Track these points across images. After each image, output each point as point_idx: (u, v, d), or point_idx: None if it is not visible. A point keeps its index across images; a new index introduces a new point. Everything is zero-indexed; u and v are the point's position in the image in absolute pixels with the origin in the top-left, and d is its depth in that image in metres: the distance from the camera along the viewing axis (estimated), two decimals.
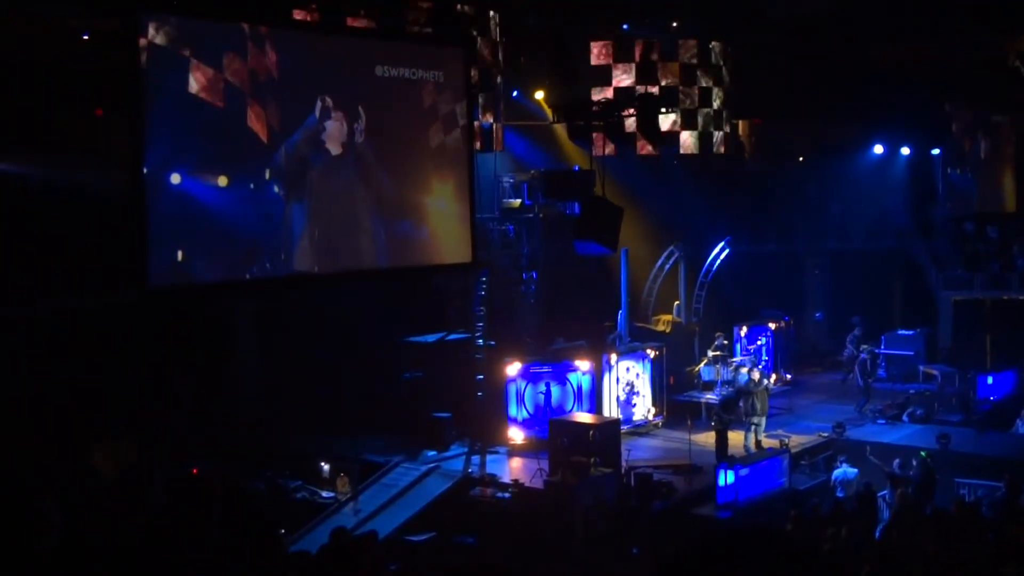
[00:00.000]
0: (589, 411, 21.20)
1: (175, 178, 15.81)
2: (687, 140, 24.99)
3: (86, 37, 17.10)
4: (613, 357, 22.46)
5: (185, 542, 4.88)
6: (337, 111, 17.92)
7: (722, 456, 19.51)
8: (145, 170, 15.49)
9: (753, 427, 20.78)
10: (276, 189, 17.23)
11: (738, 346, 25.90)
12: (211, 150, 16.53)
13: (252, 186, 16.97)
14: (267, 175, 17.08)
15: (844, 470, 18.70)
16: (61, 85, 16.56)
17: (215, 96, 16.18)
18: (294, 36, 18.10)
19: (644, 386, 23.08)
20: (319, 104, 17.65)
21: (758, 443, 20.61)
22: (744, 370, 22.23)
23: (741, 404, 21.06)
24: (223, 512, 4.50)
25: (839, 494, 18.16)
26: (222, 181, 16.50)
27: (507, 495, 18.33)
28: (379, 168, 18.81)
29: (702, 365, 24.83)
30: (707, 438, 20.98)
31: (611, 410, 21.83)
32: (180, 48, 15.82)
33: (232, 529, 4.40)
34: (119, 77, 15.97)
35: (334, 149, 17.92)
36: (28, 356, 17.23)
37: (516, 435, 21.37)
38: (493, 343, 22.81)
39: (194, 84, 15.92)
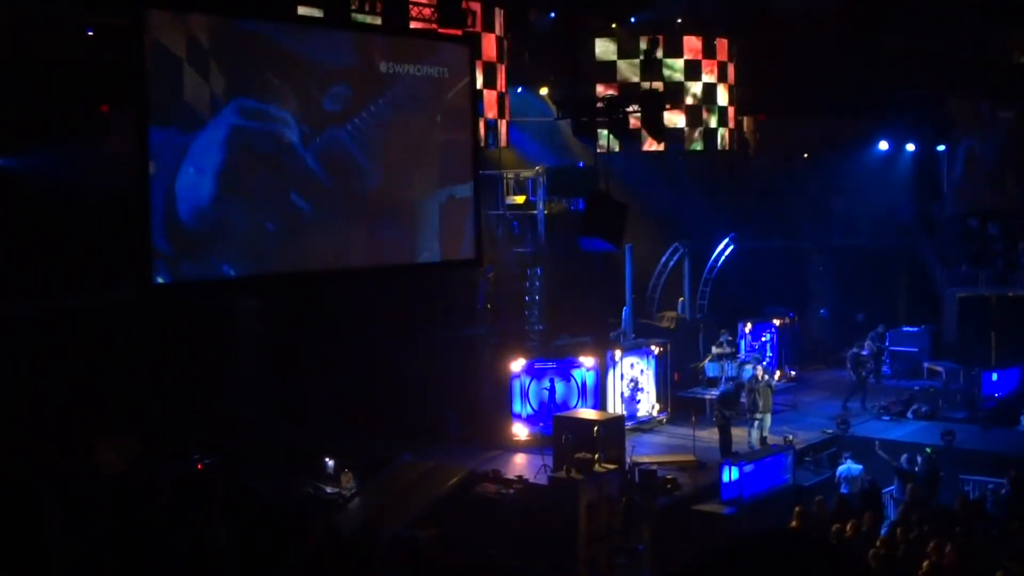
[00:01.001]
0: (593, 407, 21.18)
1: None
2: (692, 137, 24.98)
3: (90, 33, 17.12)
4: (617, 353, 22.43)
5: (188, 537, 4.89)
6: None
7: (726, 452, 19.51)
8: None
9: (757, 424, 20.75)
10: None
11: (743, 343, 25.88)
12: None
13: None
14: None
15: (848, 466, 18.67)
16: (65, 81, 16.57)
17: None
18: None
19: (648, 382, 23.07)
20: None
21: (763, 440, 20.59)
22: (748, 366, 22.21)
23: (744, 399, 21.04)
24: (225, 508, 4.51)
25: (843, 490, 18.15)
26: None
27: (511, 491, 18.32)
28: (381, 164, 18.83)
29: (707, 361, 24.79)
30: (712, 434, 20.95)
31: (615, 406, 21.81)
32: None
33: (235, 525, 4.41)
34: (124, 73, 16.00)
35: (321, 138, 17.89)
36: (31, 354, 17.23)
37: (520, 431, 21.37)
38: (497, 339, 22.79)
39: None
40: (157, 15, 15.85)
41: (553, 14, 23.63)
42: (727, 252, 27.35)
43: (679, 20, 25.19)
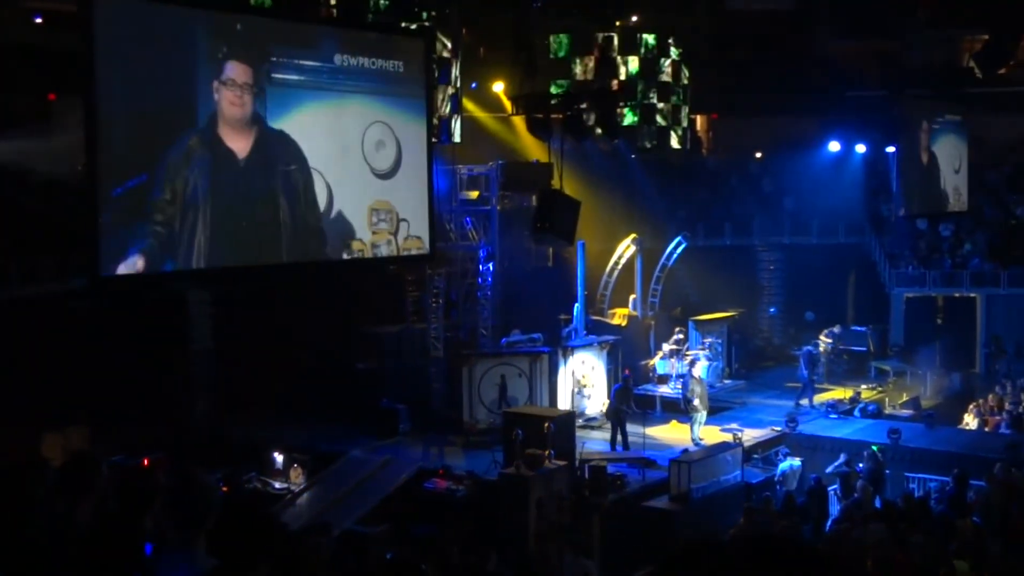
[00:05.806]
0: (544, 404, 21.19)
1: None
2: (645, 134, 25.03)
3: (39, 20, 16.88)
4: (569, 350, 22.48)
5: (128, 532, 4.83)
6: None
7: (624, 445, 19.99)
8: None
9: (695, 420, 20.92)
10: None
11: (693, 340, 25.96)
12: None
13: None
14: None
15: (790, 463, 18.84)
16: (12, 69, 16.32)
17: None
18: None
19: (599, 379, 23.11)
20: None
21: (696, 438, 20.82)
22: (699, 364, 22.31)
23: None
24: (168, 502, 4.46)
25: (779, 488, 18.28)
26: None
27: (461, 487, 18.31)
28: (333, 159, 18.72)
29: (657, 359, 24.89)
30: (661, 431, 21.08)
31: (566, 403, 21.84)
32: None
33: (178, 519, 4.36)
34: (73, 61, 15.77)
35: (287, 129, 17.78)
36: None
37: (471, 427, 21.34)
38: (449, 335, 22.75)
39: None
40: (106, 2, 15.60)
41: None
42: (679, 250, 27.47)
43: (634, 18, 25.24)
